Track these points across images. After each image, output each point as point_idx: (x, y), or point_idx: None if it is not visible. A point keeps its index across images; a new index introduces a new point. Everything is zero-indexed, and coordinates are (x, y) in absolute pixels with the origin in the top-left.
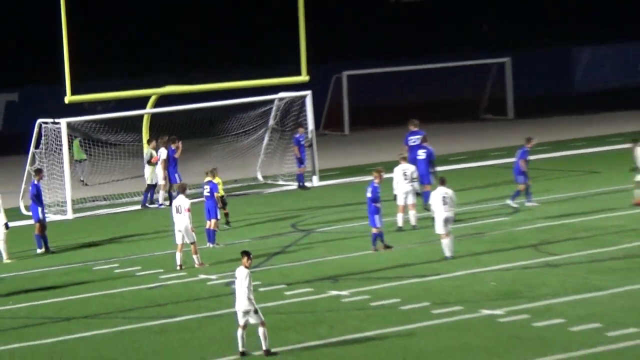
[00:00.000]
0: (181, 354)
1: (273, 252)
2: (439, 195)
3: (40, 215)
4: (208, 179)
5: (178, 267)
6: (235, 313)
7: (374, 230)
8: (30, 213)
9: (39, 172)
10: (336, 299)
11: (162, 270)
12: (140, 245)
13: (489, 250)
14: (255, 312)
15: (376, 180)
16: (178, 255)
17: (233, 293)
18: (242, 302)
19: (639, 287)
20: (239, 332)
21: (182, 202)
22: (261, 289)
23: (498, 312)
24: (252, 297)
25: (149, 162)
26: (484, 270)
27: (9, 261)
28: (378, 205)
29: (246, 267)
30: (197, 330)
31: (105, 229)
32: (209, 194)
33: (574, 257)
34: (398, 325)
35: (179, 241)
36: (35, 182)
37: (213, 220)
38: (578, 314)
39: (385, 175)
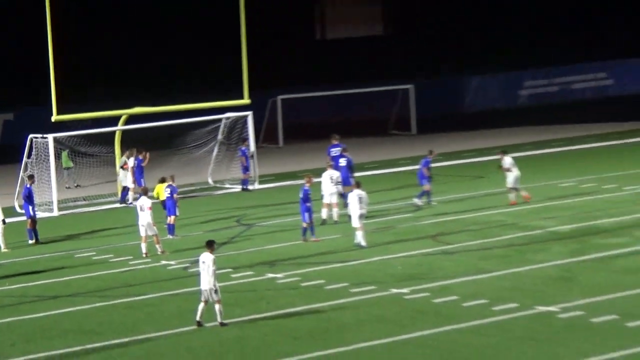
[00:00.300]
0: (147, 326)
1: (221, 242)
2: (355, 196)
3: (32, 213)
4: (168, 182)
5: (144, 255)
6: (199, 290)
7: (304, 225)
8: (23, 211)
9: (31, 177)
10: (272, 280)
11: (131, 257)
12: (113, 237)
13: (396, 240)
14: (216, 291)
15: (307, 184)
16: (143, 246)
17: (190, 276)
18: (206, 282)
19: (518, 270)
20: (200, 305)
21: (144, 202)
22: None
23: (404, 290)
24: (216, 278)
25: (122, 168)
26: (392, 257)
27: (6, 250)
28: (308, 204)
29: (211, 253)
30: (160, 306)
31: (85, 224)
32: (169, 195)
33: (465, 246)
34: (323, 302)
35: (142, 234)
36: (28, 186)
37: (172, 217)
38: (469, 292)
39: (314, 180)
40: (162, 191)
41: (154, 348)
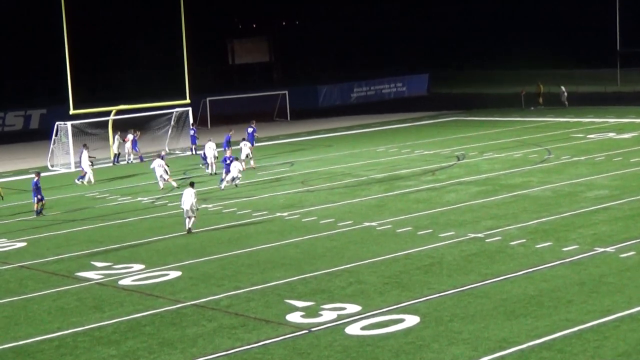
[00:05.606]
0: (130, 237)
1: (180, 181)
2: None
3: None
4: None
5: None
6: (183, 210)
7: (223, 176)
8: (55, 169)
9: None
10: (205, 209)
11: (119, 196)
12: (106, 184)
13: (279, 185)
14: (195, 211)
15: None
16: (161, 183)
17: (155, 207)
18: (188, 204)
19: (352, 201)
20: (186, 220)
21: (157, 162)
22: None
23: (284, 214)
24: (196, 203)
25: (123, 140)
26: (277, 194)
27: (78, 182)
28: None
29: (192, 189)
30: (138, 225)
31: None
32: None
33: (321, 187)
34: (236, 221)
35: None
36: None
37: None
38: (323, 214)
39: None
40: None
41: (135, 251)
